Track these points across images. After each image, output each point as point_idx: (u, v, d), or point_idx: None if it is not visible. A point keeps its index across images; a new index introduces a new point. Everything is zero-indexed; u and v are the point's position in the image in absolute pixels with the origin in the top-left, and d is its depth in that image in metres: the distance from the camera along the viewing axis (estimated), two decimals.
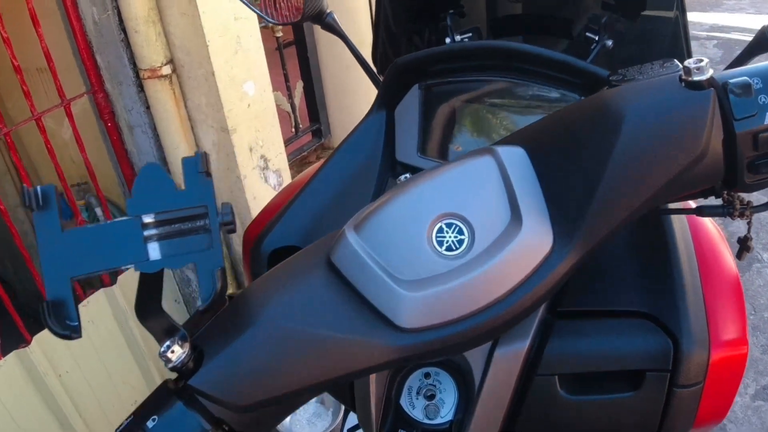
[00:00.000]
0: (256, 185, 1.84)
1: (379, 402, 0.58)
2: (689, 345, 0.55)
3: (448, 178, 0.47)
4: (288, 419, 1.11)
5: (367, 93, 2.57)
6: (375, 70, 0.93)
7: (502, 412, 0.56)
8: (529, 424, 0.59)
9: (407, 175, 0.57)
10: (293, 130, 2.55)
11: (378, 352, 0.43)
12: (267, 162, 1.87)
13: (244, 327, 0.43)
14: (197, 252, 0.38)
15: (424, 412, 0.59)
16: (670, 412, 0.57)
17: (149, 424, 0.40)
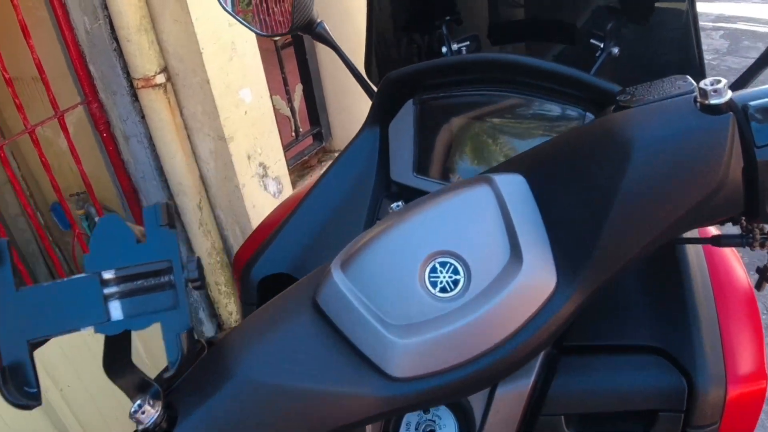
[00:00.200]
0: (255, 193, 1.81)
1: None
2: (704, 383, 0.51)
3: (441, 211, 0.44)
4: None
5: None
6: (369, 81, 0.89)
7: None
8: None
9: (400, 203, 0.54)
10: (293, 134, 2.51)
11: (368, 404, 0.41)
12: (266, 169, 1.83)
13: (222, 382, 0.40)
14: (162, 311, 0.35)
15: None
16: None
17: None
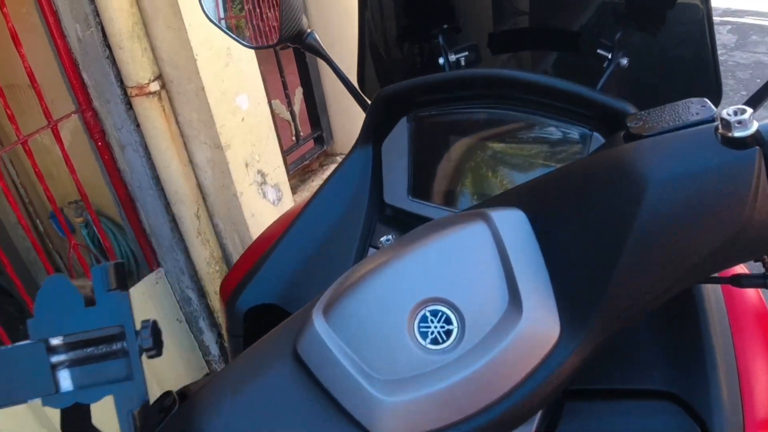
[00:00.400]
0: (254, 202, 1.77)
1: None
2: (721, 431, 0.47)
3: (431, 253, 0.39)
4: None
5: None
6: (363, 94, 0.85)
7: None
8: None
9: (390, 237, 0.50)
10: (294, 138, 2.47)
11: None
12: (264, 177, 1.80)
13: None
14: (116, 383, 0.31)
15: None
16: None
17: None
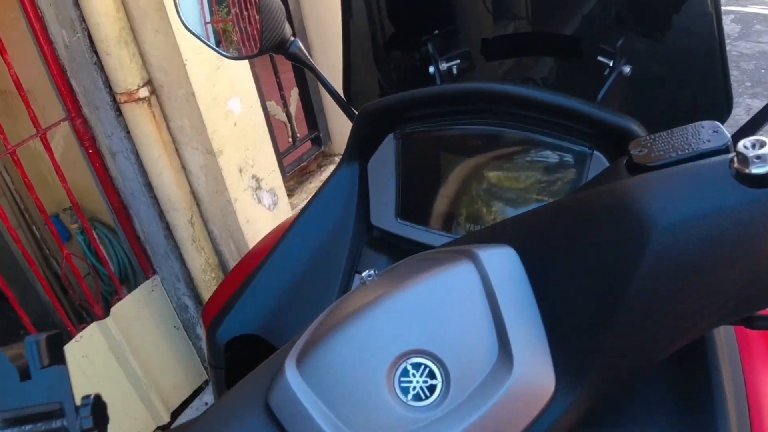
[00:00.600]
0: (249, 207, 1.74)
1: None
2: None
3: (413, 298, 0.36)
4: None
5: None
6: (350, 105, 0.81)
7: None
8: None
9: (372, 272, 0.46)
10: (290, 140, 2.44)
11: None
12: (259, 182, 1.76)
13: None
14: None
15: None
16: None
17: None
